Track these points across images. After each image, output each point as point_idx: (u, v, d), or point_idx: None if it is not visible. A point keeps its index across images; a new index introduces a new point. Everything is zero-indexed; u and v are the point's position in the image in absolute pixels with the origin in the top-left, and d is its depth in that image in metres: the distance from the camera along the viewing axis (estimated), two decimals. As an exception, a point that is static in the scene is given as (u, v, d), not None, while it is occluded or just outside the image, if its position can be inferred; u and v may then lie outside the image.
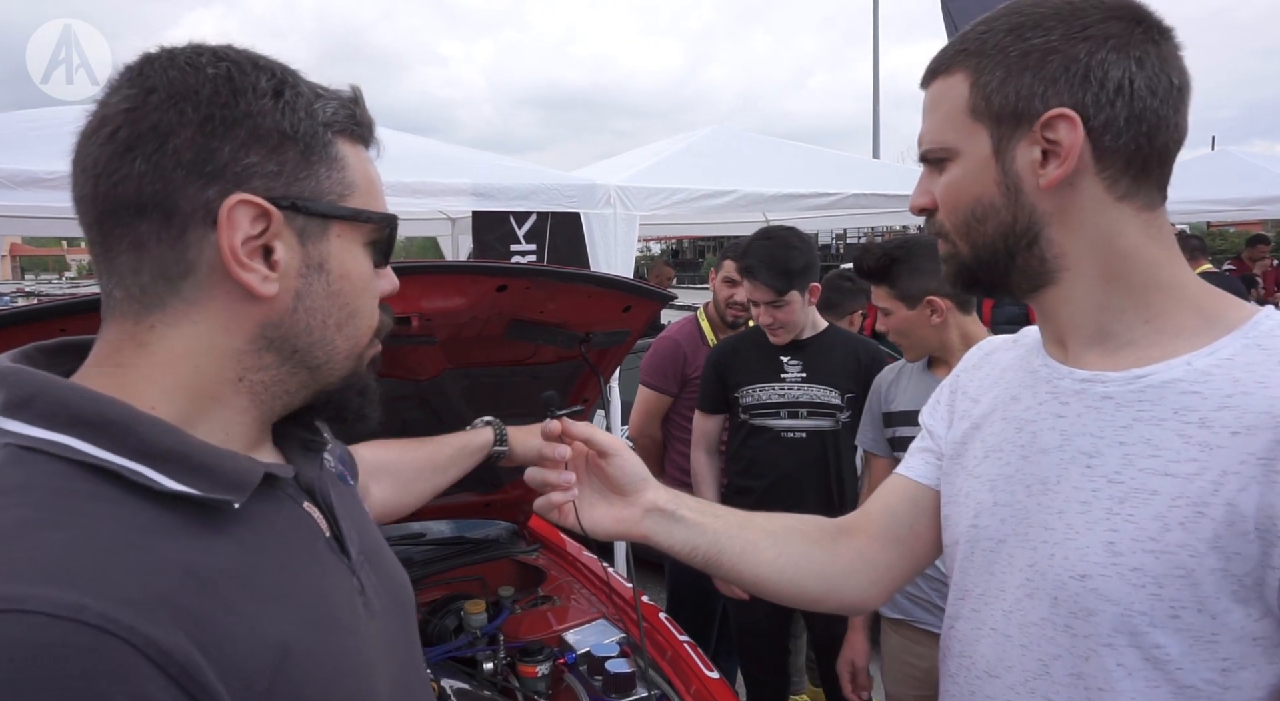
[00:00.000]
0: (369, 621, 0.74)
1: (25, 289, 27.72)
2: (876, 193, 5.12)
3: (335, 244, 0.69)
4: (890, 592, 1.10)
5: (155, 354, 0.65)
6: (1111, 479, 0.78)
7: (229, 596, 0.59)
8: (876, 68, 19.52)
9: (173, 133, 0.62)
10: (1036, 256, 0.83)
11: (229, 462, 0.63)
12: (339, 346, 0.71)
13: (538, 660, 1.90)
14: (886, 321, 2.05)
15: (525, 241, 4.31)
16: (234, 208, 0.63)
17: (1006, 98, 0.80)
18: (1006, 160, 0.81)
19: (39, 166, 2.90)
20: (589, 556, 2.47)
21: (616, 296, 1.87)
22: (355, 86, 0.73)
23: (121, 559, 0.55)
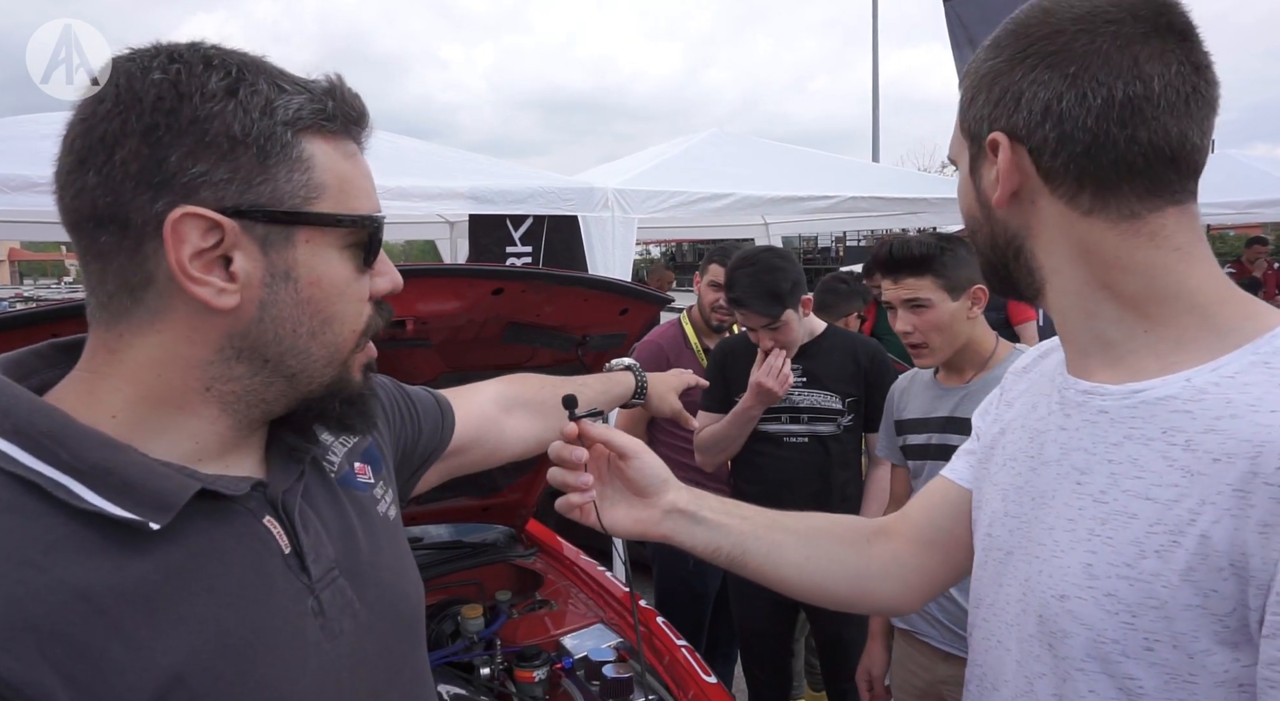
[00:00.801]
0: (325, 643, 0.70)
1: (24, 294, 27.72)
2: (876, 196, 5.12)
3: (303, 250, 0.65)
4: (927, 597, 1.07)
5: (123, 362, 0.64)
6: (1097, 498, 0.75)
7: (125, 622, 0.57)
8: (876, 71, 19.55)
9: (118, 143, 0.60)
10: (1024, 267, 0.82)
11: (157, 482, 0.61)
12: (315, 354, 0.68)
13: (535, 665, 1.89)
14: (921, 317, 1.90)
15: (521, 243, 4.31)
16: (178, 221, 0.60)
17: (970, 118, 0.81)
18: (978, 178, 0.82)
19: (35, 171, 2.90)
20: (586, 560, 2.47)
21: (613, 299, 1.87)
22: (332, 75, 0.69)
23: (2, 580, 0.53)
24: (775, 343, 2.37)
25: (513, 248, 4.51)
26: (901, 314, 1.92)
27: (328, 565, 0.73)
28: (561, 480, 1.00)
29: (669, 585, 3.01)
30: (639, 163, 5.26)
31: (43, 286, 47.82)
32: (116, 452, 0.60)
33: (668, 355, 3.04)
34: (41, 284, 50.94)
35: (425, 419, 1.08)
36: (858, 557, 1.04)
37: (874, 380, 2.45)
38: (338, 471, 0.82)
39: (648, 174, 4.57)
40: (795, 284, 2.35)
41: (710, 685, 1.87)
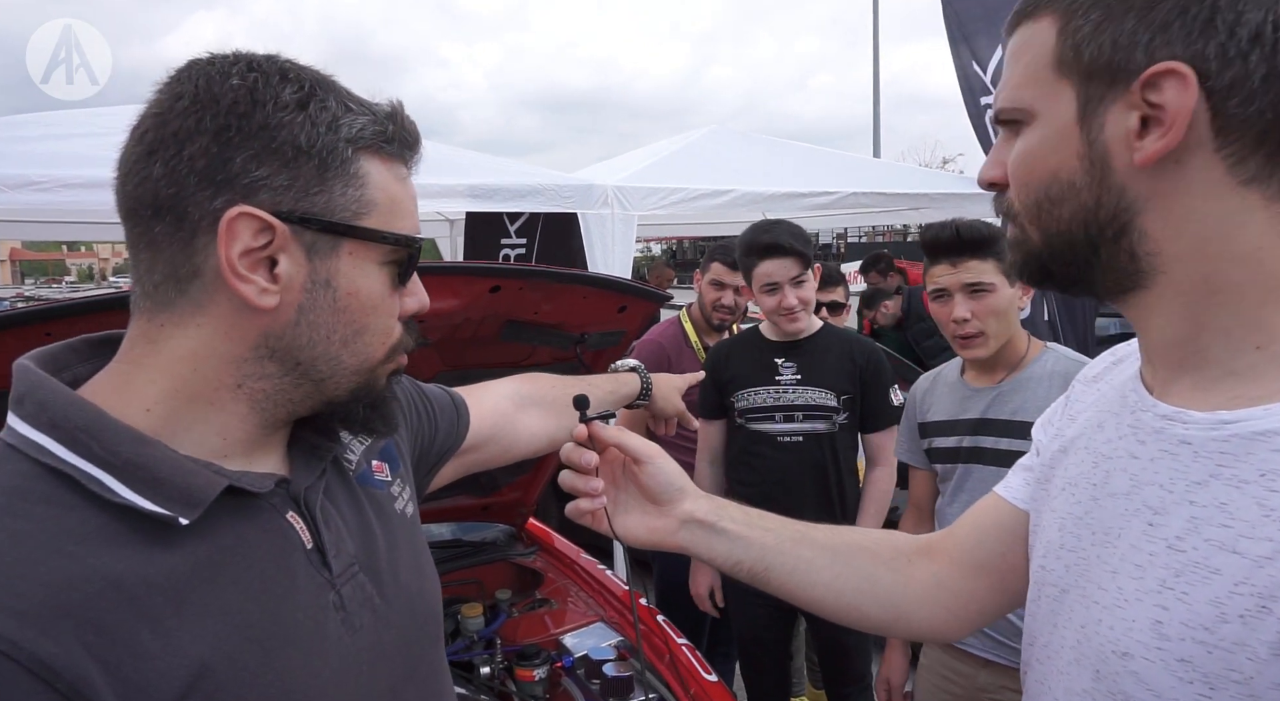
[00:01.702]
0: (345, 637, 0.72)
1: (25, 294, 27.74)
2: (877, 192, 5.11)
3: (346, 262, 0.68)
4: (974, 625, 0.96)
5: (161, 353, 0.66)
6: (1172, 544, 0.64)
7: (154, 610, 0.59)
8: (877, 68, 19.52)
9: (190, 140, 0.63)
10: (1125, 251, 0.66)
11: (186, 478, 0.63)
12: (345, 362, 0.70)
13: (535, 664, 1.88)
14: (981, 302, 1.77)
15: (515, 236, 4.30)
16: (234, 219, 0.63)
17: (1100, 47, 0.63)
18: (1094, 128, 0.64)
19: (36, 171, 2.89)
20: (586, 559, 2.46)
21: (611, 297, 1.86)
22: (395, 101, 0.72)
23: (39, 567, 0.55)
24: (800, 302, 2.34)
25: (507, 240, 4.50)
26: (960, 300, 1.79)
27: (348, 560, 0.75)
28: (571, 485, 0.95)
29: (670, 583, 3.00)
30: (639, 160, 5.24)
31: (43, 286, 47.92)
32: (147, 448, 0.62)
33: (668, 354, 3.03)
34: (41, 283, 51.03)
35: (441, 416, 1.09)
36: (895, 578, 0.94)
37: (869, 379, 2.42)
38: (355, 469, 0.84)
39: (648, 171, 4.56)
40: (809, 243, 2.39)
41: (711, 683, 1.86)
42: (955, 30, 5.68)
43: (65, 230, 5.80)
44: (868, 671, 2.58)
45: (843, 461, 2.45)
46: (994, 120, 0.74)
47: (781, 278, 2.33)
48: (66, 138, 3.37)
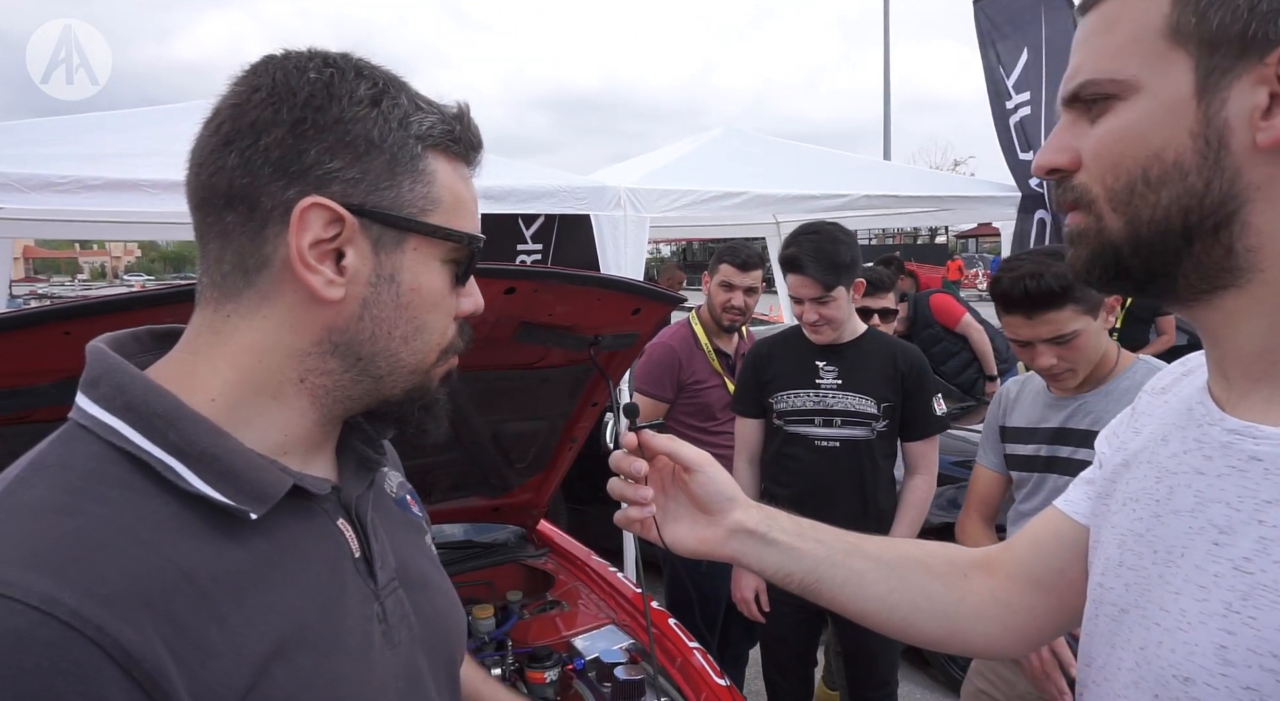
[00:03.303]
0: (385, 649, 0.71)
1: (38, 291, 27.93)
2: (888, 194, 5.09)
3: (411, 257, 0.69)
4: (1034, 642, 0.93)
5: (226, 343, 0.66)
6: (1239, 565, 0.61)
7: (222, 608, 0.58)
8: (887, 69, 19.47)
9: (266, 130, 0.64)
10: (1222, 245, 0.61)
11: (257, 472, 0.63)
12: (403, 359, 0.71)
13: (546, 666, 1.88)
14: (1068, 348, 1.73)
15: (531, 242, 4.30)
16: (307, 209, 0.63)
17: (1234, 13, 0.57)
18: (1214, 103, 0.59)
19: (53, 171, 2.91)
20: (598, 561, 2.46)
21: (625, 299, 1.86)
22: (463, 103, 0.72)
23: (121, 554, 0.55)
24: (821, 318, 2.31)
25: (523, 245, 4.50)
26: (1043, 349, 1.75)
27: (390, 574, 0.75)
28: (620, 492, 0.94)
29: (680, 586, 3.00)
30: (651, 161, 5.24)
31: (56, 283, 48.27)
32: (222, 439, 0.62)
33: (679, 356, 3.03)
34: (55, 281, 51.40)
35: None
36: (950, 593, 0.92)
37: (912, 387, 2.38)
38: (396, 494, 0.86)
39: (660, 172, 4.55)
40: (854, 261, 2.31)
41: (722, 687, 1.85)
42: (986, 34, 5.69)
43: (79, 229, 5.84)
44: (893, 677, 2.56)
45: (881, 469, 2.42)
46: (1066, 99, 0.68)
47: (802, 295, 2.31)
48: (85, 140, 3.40)
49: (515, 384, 2.02)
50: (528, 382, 2.04)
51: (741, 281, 2.99)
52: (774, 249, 7.33)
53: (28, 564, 0.51)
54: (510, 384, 2.00)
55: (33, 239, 27.93)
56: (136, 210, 3.11)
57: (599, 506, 4.48)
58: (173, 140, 3.83)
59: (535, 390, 2.07)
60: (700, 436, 2.98)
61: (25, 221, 4.74)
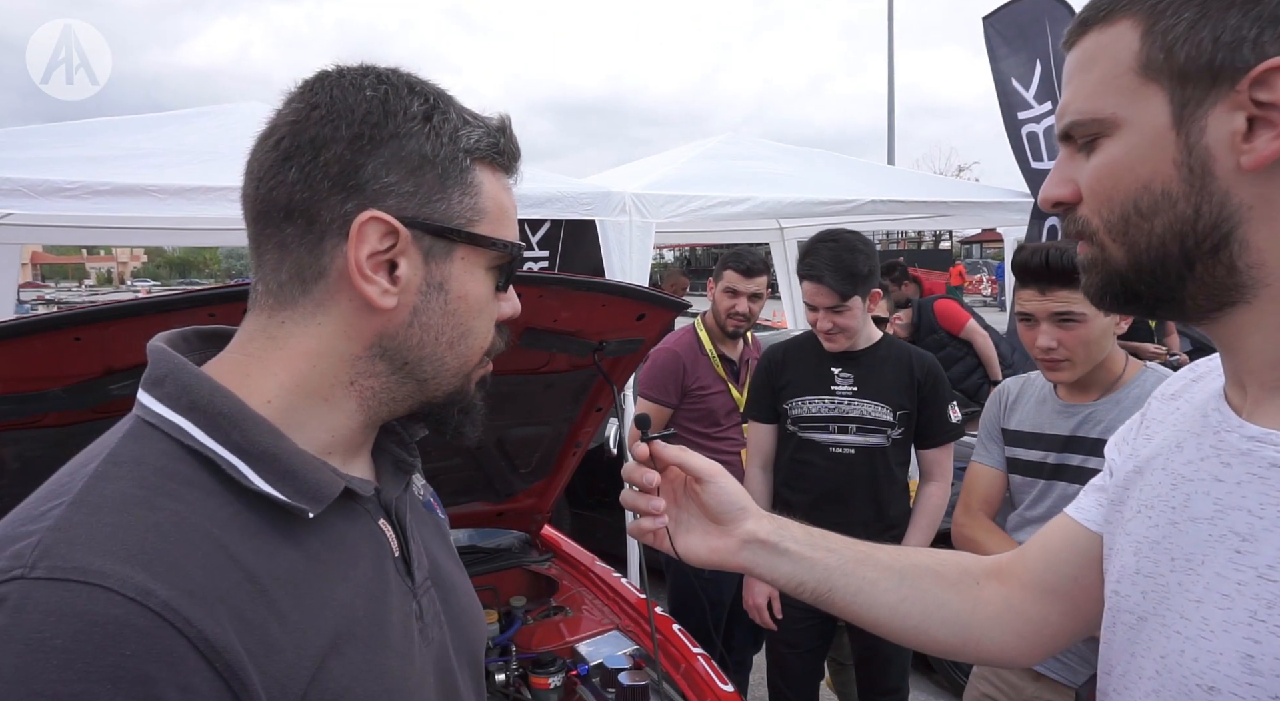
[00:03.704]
0: (422, 646, 0.74)
1: (46, 297, 28.05)
2: (892, 199, 5.09)
3: (458, 266, 0.71)
4: (1048, 650, 0.93)
5: (281, 348, 0.68)
6: (1263, 573, 0.61)
7: (282, 605, 0.60)
8: (891, 74, 19.49)
9: (326, 146, 0.66)
10: (1223, 264, 0.62)
11: (315, 473, 0.66)
12: (448, 364, 0.73)
13: (550, 671, 1.88)
14: (1070, 332, 1.75)
15: (538, 247, 4.31)
16: (365, 223, 0.66)
17: (1199, 46, 0.59)
18: (1192, 132, 0.61)
19: (62, 176, 2.93)
20: (601, 566, 2.46)
21: (630, 304, 1.86)
22: (505, 116, 0.75)
23: (198, 550, 0.57)
24: (835, 326, 2.31)
25: (530, 252, 4.51)
26: (1046, 327, 1.76)
27: (425, 574, 0.78)
28: (633, 503, 0.95)
29: (684, 592, 2.99)
30: (655, 166, 5.25)
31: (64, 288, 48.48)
32: (281, 440, 0.65)
33: (683, 362, 3.03)
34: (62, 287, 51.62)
35: None
36: (963, 601, 0.93)
37: (928, 394, 2.37)
38: (422, 497, 0.88)
39: (665, 178, 4.56)
40: (871, 272, 2.31)
41: (726, 693, 1.85)
42: (996, 48, 5.71)
43: (87, 234, 5.87)
44: (904, 683, 2.55)
45: (895, 476, 2.41)
46: (1060, 136, 0.70)
47: (818, 303, 2.31)
48: (92, 146, 3.42)
49: (520, 389, 2.02)
50: (532, 388, 2.05)
51: (746, 287, 3.00)
52: (778, 254, 7.33)
53: (120, 556, 0.53)
54: (515, 389, 2.01)
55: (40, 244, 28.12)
56: (144, 215, 3.13)
57: (602, 512, 4.50)
58: (180, 145, 3.84)
59: (540, 395, 2.08)
60: (704, 442, 2.98)
61: (35, 227, 4.77)
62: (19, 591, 0.51)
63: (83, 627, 0.50)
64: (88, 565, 0.52)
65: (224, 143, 3.55)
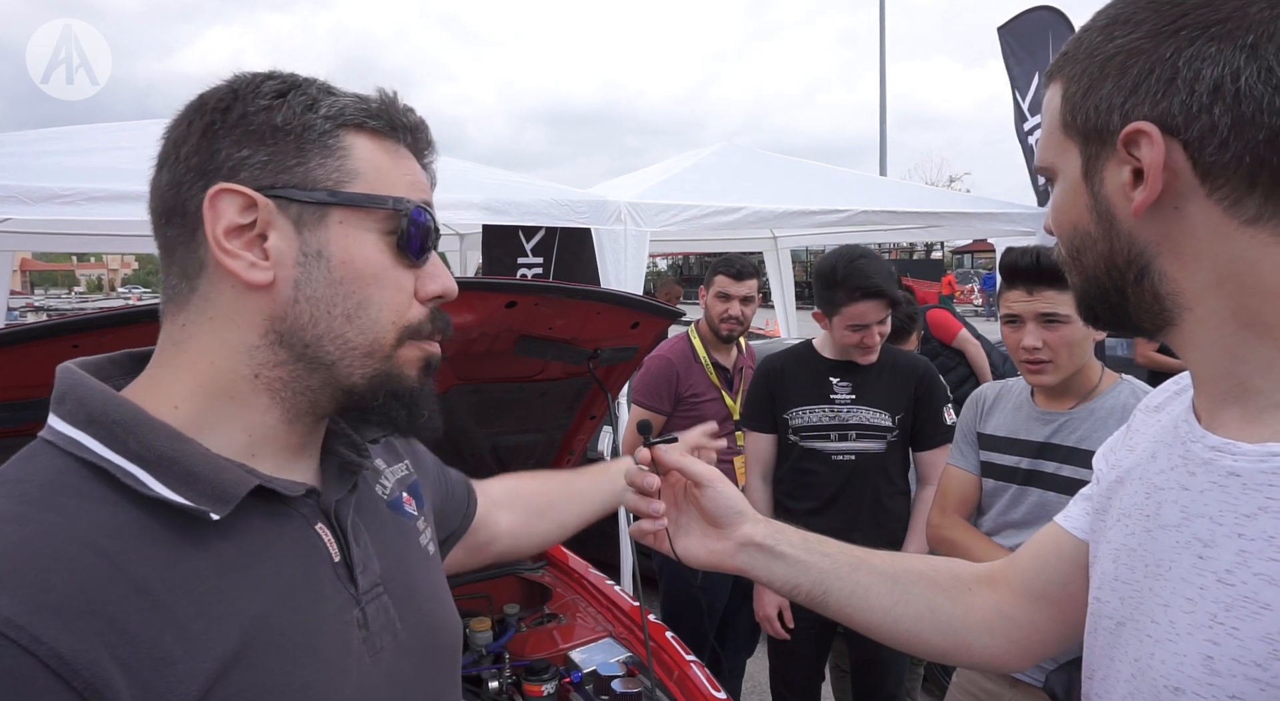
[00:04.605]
0: (365, 656, 0.71)
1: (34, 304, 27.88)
2: (884, 209, 5.12)
3: (336, 231, 0.68)
4: (1038, 656, 0.95)
5: (184, 351, 0.68)
6: (1222, 578, 0.63)
7: (179, 615, 0.58)
8: (883, 85, 19.60)
9: (184, 142, 0.67)
10: (1149, 292, 0.68)
11: (218, 474, 0.63)
12: (352, 341, 0.69)
13: (543, 679, 1.88)
14: (1055, 333, 1.77)
15: (532, 254, 4.31)
16: (215, 196, 0.65)
17: (1091, 111, 0.67)
18: (1095, 183, 0.69)
19: (59, 184, 2.92)
20: (595, 574, 2.46)
21: (624, 313, 1.88)
22: (384, 89, 0.74)
23: (67, 563, 0.55)
24: (880, 337, 2.35)
25: (524, 258, 4.52)
26: (1032, 328, 1.78)
27: (374, 579, 0.75)
28: (634, 505, 0.98)
29: (677, 599, 3.00)
30: (650, 176, 5.28)
31: (53, 296, 48.21)
32: (181, 443, 0.63)
33: (677, 369, 3.05)
34: (51, 294, 51.33)
35: (456, 493, 1.12)
36: (955, 606, 0.95)
37: (922, 396, 2.42)
38: (389, 495, 0.86)
39: (659, 187, 4.58)
40: None
41: (719, 700, 1.85)
42: (1007, 58, 5.80)
43: (77, 242, 5.85)
44: (900, 691, 2.56)
45: (895, 479, 2.45)
46: None
47: (872, 319, 2.33)
48: (89, 152, 3.42)
49: (514, 396, 2.03)
50: (527, 395, 2.06)
51: (737, 291, 3.02)
52: (771, 263, 7.36)
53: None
54: (510, 396, 2.02)
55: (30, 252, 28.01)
56: (137, 221, 3.11)
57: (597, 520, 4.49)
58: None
59: (534, 403, 2.09)
60: None
61: (28, 234, 4.76)
62: None
63: None
64: None
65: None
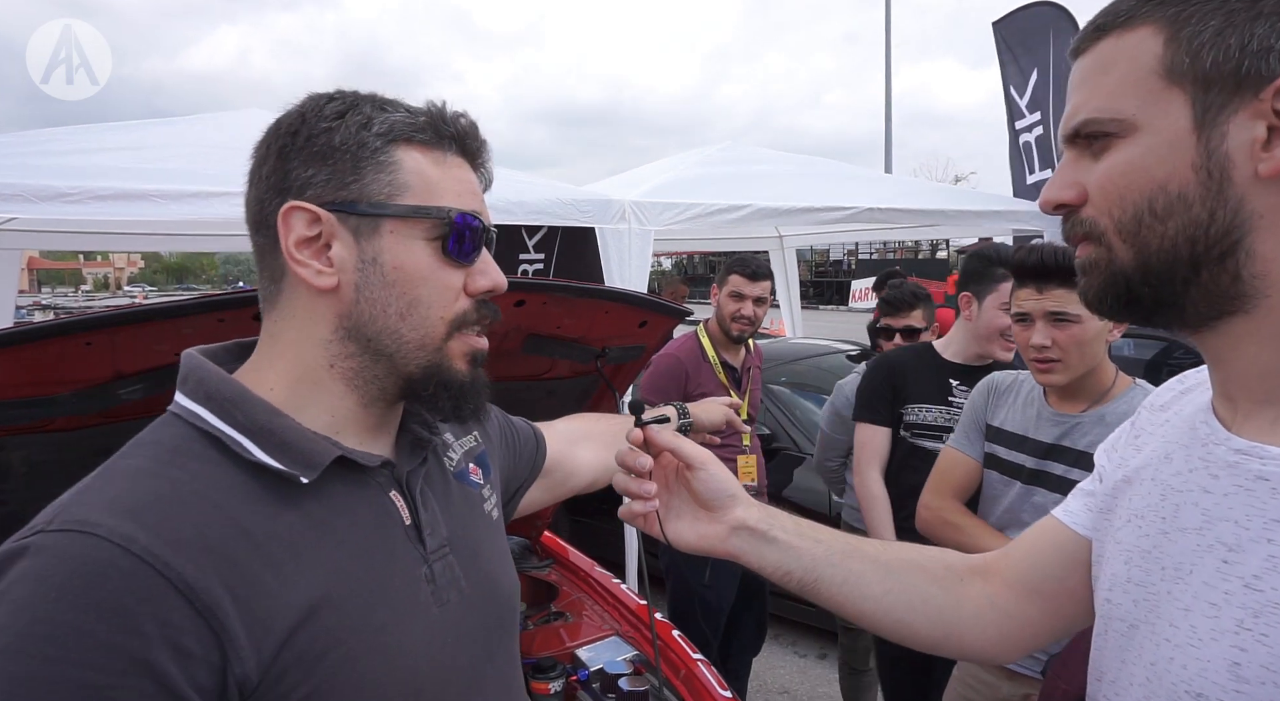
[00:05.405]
0: (434, 606, 0.82)
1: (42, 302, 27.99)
2: (890, 207, 5.11)
3: (388, 239, 0.77)
4: (1028, 648, 0.94)
5: (276, 345, 0.80)
6: (1249, 583, 0.62)
7: (276, 557, 0.70)
8: (889, 83, 19.55)
9: (264, 163, 0.78)
10: (1229, 273, 0.63)
11: (307, 444, 0.75)
12: (405, 335, 0.79)
13: (550, 677, 1.88)
14: (1065, 332, 1.74)
15: (534, 251, 4.32)
16: (286, 213, 0.75)
17: (1225, 52, 0.60)
18: (1213, 137, 0.61)
19: (63, 182, 2.93)
20: (601, 572, 2.46)
21: (632, 312, 1.88)
22: (436, 101, 0.81)
23: (190, 509, 0.68)
24: None
25: (525, 254, 4.52)
26: (1041, 326, 1.76)
27: (440, 541, 0.85)
28: (625, 486, 0.96)
29: (684, 598, 3.00)
30: (655, 174, 5.26)
31: (60, 294, 48.37)
32: (277, 418, 0.75)
33: (686, 368, 3.04)
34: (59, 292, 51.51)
35: (524, 446, 1.22)
36: (946, 596, 0.94)
37: None
38: (456, 467, 0.96)
39: (664, 186, 4.57)
40: None
41: (725, 699, 1.86)
42: (1002, 54, 5.76)
43: (84, 240, 5.85)
44: None
45: None
46: (1068, 137, 0.70)
47: None
48: (95, 151, 3.42)
49: (522, 395, 2.03)
50: (534, 394, 2.06)
51: (751, 291, 3.02)
52: (777, 262, 7.35)
53: (114, 512, 0.64)
54: (517, 395, 2.02)
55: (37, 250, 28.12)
56: (144, 220, 3.13)
57: (600, 519, 4.49)
58: (179, 151, 3.82)
59: (542, 402, 2.09)
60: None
61: (35, 233, 4.77)
62: (37, 541, 0.62)
63: (76, 567, 0.61)
64: (86, 519, 0.63)
65: (224, 147, 3.56)
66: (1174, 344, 4.68)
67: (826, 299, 33.62)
